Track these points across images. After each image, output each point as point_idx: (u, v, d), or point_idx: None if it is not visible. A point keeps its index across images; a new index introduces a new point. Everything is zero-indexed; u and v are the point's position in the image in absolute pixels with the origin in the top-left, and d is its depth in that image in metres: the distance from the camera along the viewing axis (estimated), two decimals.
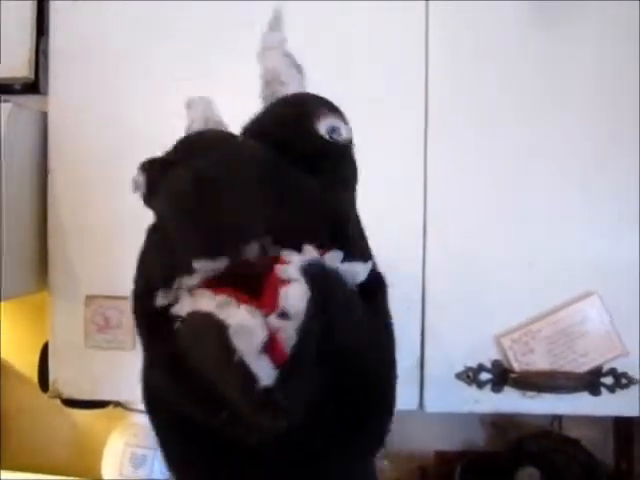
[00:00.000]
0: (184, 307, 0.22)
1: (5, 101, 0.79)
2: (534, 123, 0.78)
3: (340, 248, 0.23)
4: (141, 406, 1.01)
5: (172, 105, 0.80)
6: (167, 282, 0.23)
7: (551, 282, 0.77)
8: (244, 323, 0.20)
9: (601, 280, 0.76)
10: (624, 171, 0.77)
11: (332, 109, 0.26)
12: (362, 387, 0.23)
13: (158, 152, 0.89)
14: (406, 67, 0.78)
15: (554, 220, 0.77)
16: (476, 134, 0.78)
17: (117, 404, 1.06)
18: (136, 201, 0.86)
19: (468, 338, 0.77)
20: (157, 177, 0.25)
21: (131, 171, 0.90)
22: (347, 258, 0.23)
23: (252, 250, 0.22)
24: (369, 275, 0.24)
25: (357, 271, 0.23)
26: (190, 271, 0.22)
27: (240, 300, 0.21)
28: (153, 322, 0.24)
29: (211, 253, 0.22)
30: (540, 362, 0.76)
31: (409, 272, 0.77)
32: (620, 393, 0.76)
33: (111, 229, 0.81)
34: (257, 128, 0.26)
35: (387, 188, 0.76)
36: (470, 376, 0.77)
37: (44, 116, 0.82)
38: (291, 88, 0.29)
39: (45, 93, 0.82)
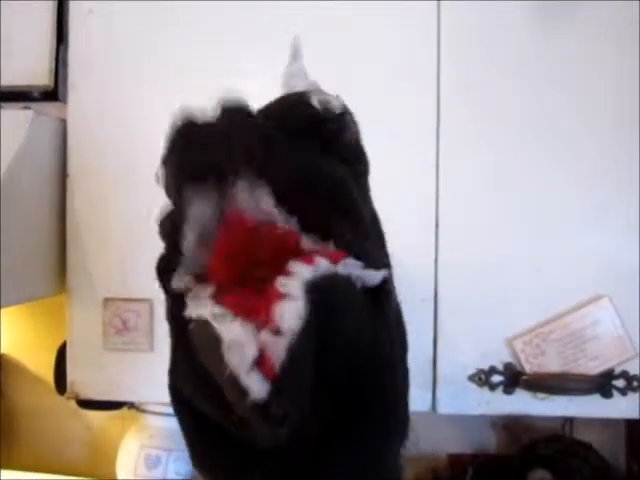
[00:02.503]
0: (190, 310, 0.23)
1: (26, 108, 0.81)
2: (545, 126, 0.79)
3: (349, 225, 0.24)
4: (156, 407, 1.03)
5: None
6: (175, 259, 0.24)
7: (562, 285, 0.77)
8: (236, 338, 0.20)
9: (612, 283, 0.77)
10: (634, 174, 0.77)
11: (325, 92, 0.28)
12: (362, 395, 0.23)
13: None
14: (418, 68, 0.79)
15: (565, 223, 0.78)
16: (487, 138, 0.79)
17: (131, 405, 1.07)
18: (153, 205, 0.88)
19: (480, 341, 0.78)
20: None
21: (149, 176, 0.92)
22: (361, 252, 0.24)
23: (242, 191, 0.23)
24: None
25: (371, 278, 0.23)
26: (187, 221, 0.24)
27: (236, 311, 0.21)
28: (177, 320, 0.24)
29: (198, 172, 0.23)
30: (551, 364, 0.77)
31: (421, 277, 0.78)
32: (632, 396, 0.76)
33: (129, 233, 0.82)
34: (263, 113, 0.28)
35: (399, 193, 0.77)
36: (482, 378, 0.77)
37: (63, 123, 0.84)
38: None
39: (64, 101, 0.84)
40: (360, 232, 0.25)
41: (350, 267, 0.22)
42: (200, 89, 0.81)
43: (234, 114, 0.24)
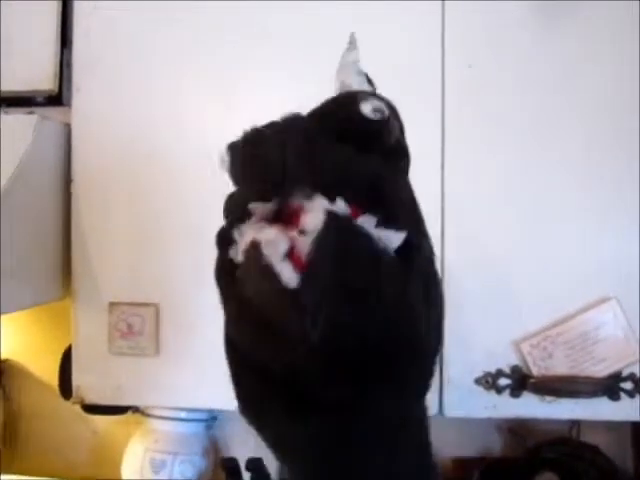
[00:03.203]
0: (238, 248, 0.27)
1: (30, 113, 0.81)
2: (551, 124, 0.78)
3: (377, 210, 0.26)
4: (161, 412, 1.03)
5: (194, 115, 0.82)
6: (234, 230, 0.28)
7: (569, 287, 0.77)
8: (271, 237, 0.25)
9: (619, 285, 0.76)
10: None
11: (379, 97, 0.30)
12: (388, 338, 0.25)
13: (180, 161, 0.90)
14: (423, 68, 0.79)
15: (573, 225, 0.78)
16: (493, 138, 0.79)
17: (136, 410, 1.07)
18: (158, 208, 0.88)
19: (487, 344, 0.78)
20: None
21: (154, 179, 0.92)
22: (385, 221, 0.26)
23: (297, 197, 0.26)
24: (409, 244, 0.26)
25: (389, 237, 0.25)
26: (249, 214, 0.27)
27: (273, 224, 0.26)
28: (228, 273, 0.27)
29: (262, 198, 0.27)
30: (559, 367, 0.76)
31: None
32: (639, 398, 0.76)
33: (133, 237, 0.82)
34: (313, 110, 0.30)
35: None
36: (489, 381, 0.77)
37: (67, 128, 0.84)
38: None
39: (68, 105, 0.84)
40: (392, 216, 0.27)
41: (367, 222, 0.25)
42: (205, 90, 0.82)
43: (288, 123, 0.28)
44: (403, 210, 0.28)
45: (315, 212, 0.25)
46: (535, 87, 0.79)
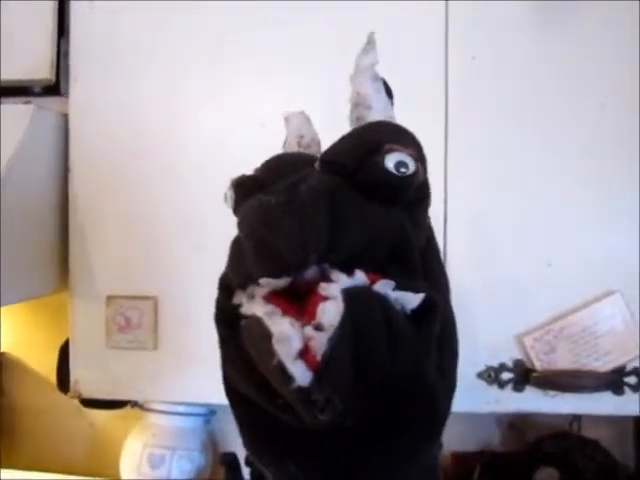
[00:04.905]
0: (246, 309, 0.26)
1: (27, 103, 0.79)
2: (553, 122, 0.78)
3: (401, 270, 0.26)
4: (159, 406, 1.02)
5: (191, 106, 0.81)
6: (243, 286, 0.26)
7: (573, 281, 0.76)
8: (284, 332, 0.23)
9: (623, 279, 0.76)
10: None
11: (404, 142, 0.28)
12: (396, 404, 0.25)
13: (178, 152, 0.89)
14: (426, 66, 0.78)
15: (576, 218, 0.77)
16: (495, 136, 0.78)
17: (135, 404, 1.06)
18: (156, 201, 0.87)
19: (490, 337, 0.77)
20: (242, 195, 0.29)
21: (152, 171, 0.91)
22: (407, 281, 0.25)
23: (311, 273, 0.25)
24: (426, 302, 0.26)
25: (407, 300, 0.25)
26: (257, 283, 0.26)
27: (285, 311, 0.24)
28: (229, 318, 0.27)
29: (271, 275, 0.25)
30: (562, 361, 0.76)
31: None
32: None
33: (132, 229, 0.81)
34: (332, 156, 0.28)
35: None
36: (492, 376, 0.76)
37: (65, 117, 0.83)
38: (376, 113, 0.31)
39: (65, 95, 0.83)
40: (412, 277, 0.27)
41: (385, 287, 0.24)
42: (202, 81, 0.81)
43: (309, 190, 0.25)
44: (420, 268, 0.28)
45: (332, 302, 0.23)
46: (535, 86, 0.78)
